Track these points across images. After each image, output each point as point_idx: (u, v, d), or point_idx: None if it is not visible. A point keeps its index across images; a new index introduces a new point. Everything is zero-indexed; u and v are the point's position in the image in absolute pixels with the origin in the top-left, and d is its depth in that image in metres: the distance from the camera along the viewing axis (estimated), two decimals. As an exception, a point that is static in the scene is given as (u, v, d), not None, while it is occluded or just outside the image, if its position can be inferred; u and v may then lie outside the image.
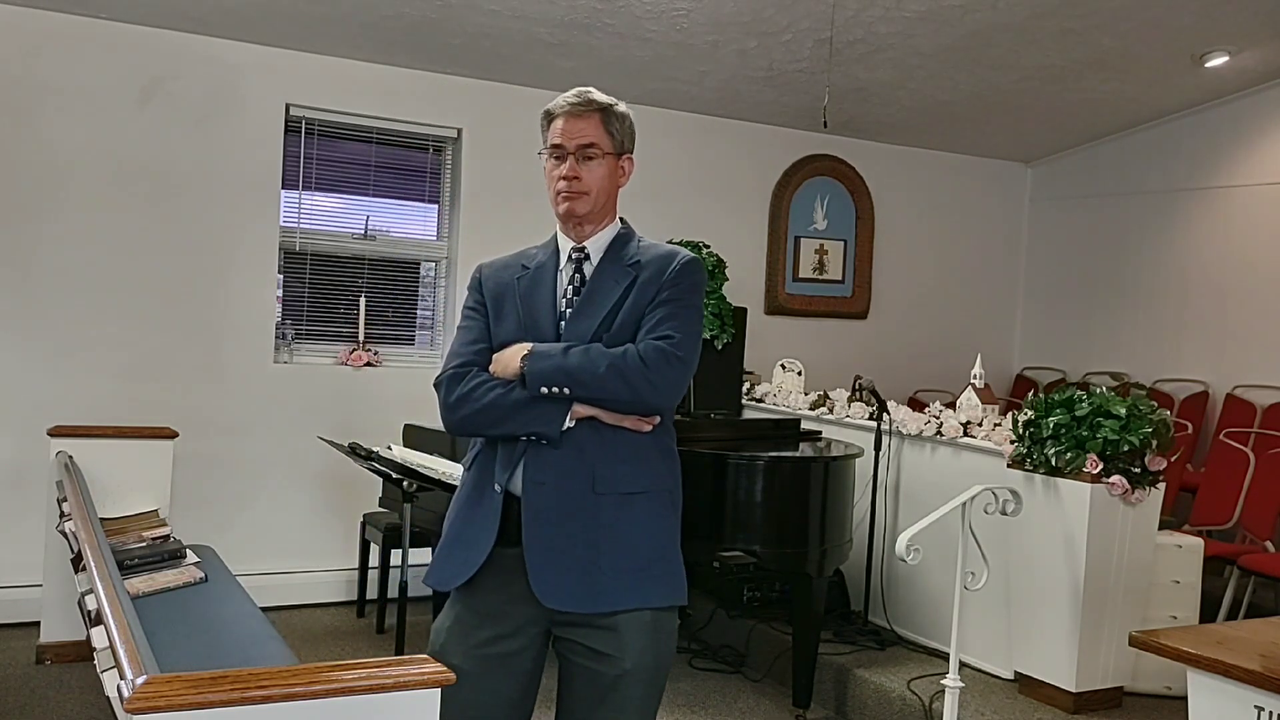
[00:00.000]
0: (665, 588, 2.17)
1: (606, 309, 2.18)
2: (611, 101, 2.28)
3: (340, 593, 5.38)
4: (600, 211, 2.26)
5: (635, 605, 2.13)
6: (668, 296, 2.17)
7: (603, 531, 2.12)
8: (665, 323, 2.15)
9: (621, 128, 2.28)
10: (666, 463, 2.23)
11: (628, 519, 2.14)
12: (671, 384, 2.13)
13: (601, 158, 2.23)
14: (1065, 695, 3.80)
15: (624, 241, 2.29)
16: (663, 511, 2.19)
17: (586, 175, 2.22)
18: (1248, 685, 2.06)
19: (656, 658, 2.17)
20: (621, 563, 2.12)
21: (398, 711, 1.75)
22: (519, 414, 2.13)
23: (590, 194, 2.22)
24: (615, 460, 2.14)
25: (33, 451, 4.50)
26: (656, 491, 2.19)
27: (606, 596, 2.11)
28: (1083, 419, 3.78)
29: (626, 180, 2.32)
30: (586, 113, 2.24)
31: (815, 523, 4.08)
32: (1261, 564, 4.68)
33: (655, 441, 2.20)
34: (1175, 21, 5.42)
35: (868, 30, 5.34)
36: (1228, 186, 6.64)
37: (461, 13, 4.98)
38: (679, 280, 2.19)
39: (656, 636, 2.16)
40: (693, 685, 4.44)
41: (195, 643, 2.98)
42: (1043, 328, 7.62)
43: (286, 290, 5.48)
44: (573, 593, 2.11)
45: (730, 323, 5.78)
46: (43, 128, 4.84)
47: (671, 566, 2.19)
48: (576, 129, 2.23)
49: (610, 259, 2.25)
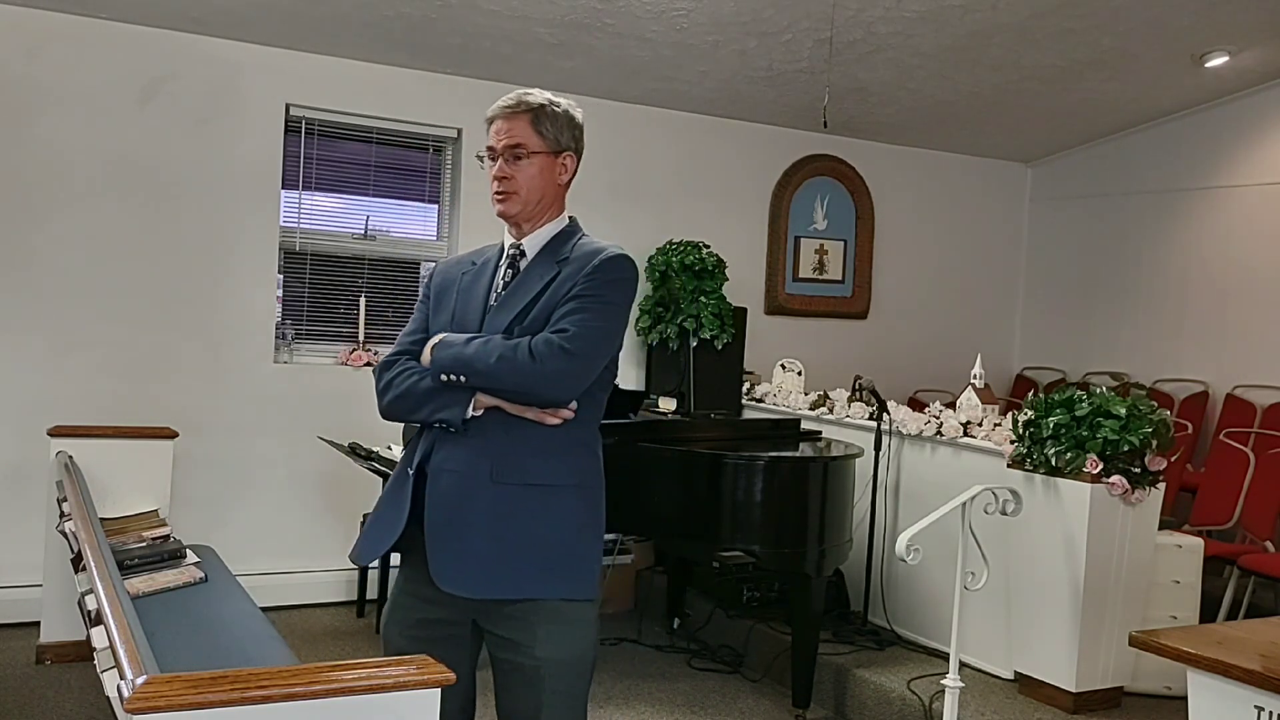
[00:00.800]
0: (566, 581, 2.18)
1: (524, 303, 2.23)
2: (544, 102, 2.28)
3: (340, 593, 5.38)
4: (534, 211, 2.30)
5: (534, 595, 2.16)
6: (579, 291, 2.18)
7: (501, 521, 2.16)
8: (567, 317, 2.16)
9: (555, 126, 2.28)
10: (578, 458, 2.23)
11: (528, 510, 2.16)
12: (560, 377, 2.12)
13: (529, 157, 2.25)
14: (1065, 695, 3.80)
15: (563, 239, 2.31)
16: (567, 506, 2.20)
17: (516, 175, 2.26)
18: (1248, 685, 2.06)
19: (569, 649, 2.18)
20: (520, 553, 2.15)
21: (397, 711, 1.75)
22: (428, 401, 2.19)
23: (519, 194, 2.26)
24: (518, 451, 2.17)
25: (33, 451, 4.50)
26: (562, 486, 2.20)
27: (503, 584, 2.15)
28: (1083, 419, 3.78)
29: (569, 176, 2.32)
30: (515, 114, 2.26)
31: (815, 523, 4.08)
32: (1261, 564, 4.68)
33: (568, 436, 2.20)
34: (1175, 21, 5.42)
35: (868, 30, 5.34)
36: (1228, 186, 6.64)
37: (461, 13, 4.98)
38: (594, 275, 2.20)
39: (567, 628, 2.18)
40: (692, 685, 4.44)
41: (195, 643, 2.98)
42: (1043, 328, 7.62)
43: (286, 290, 5.48)
44: (470, 579, 2.16)
45: (730, 323, 5.79)
46: (43, 128, 4.84)
47: (575, 561, 2.20)
48: (505, 130, 2.27)
49: (544, 256, 2.29)
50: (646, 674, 4.56)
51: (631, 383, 6.02)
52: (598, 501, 2.27)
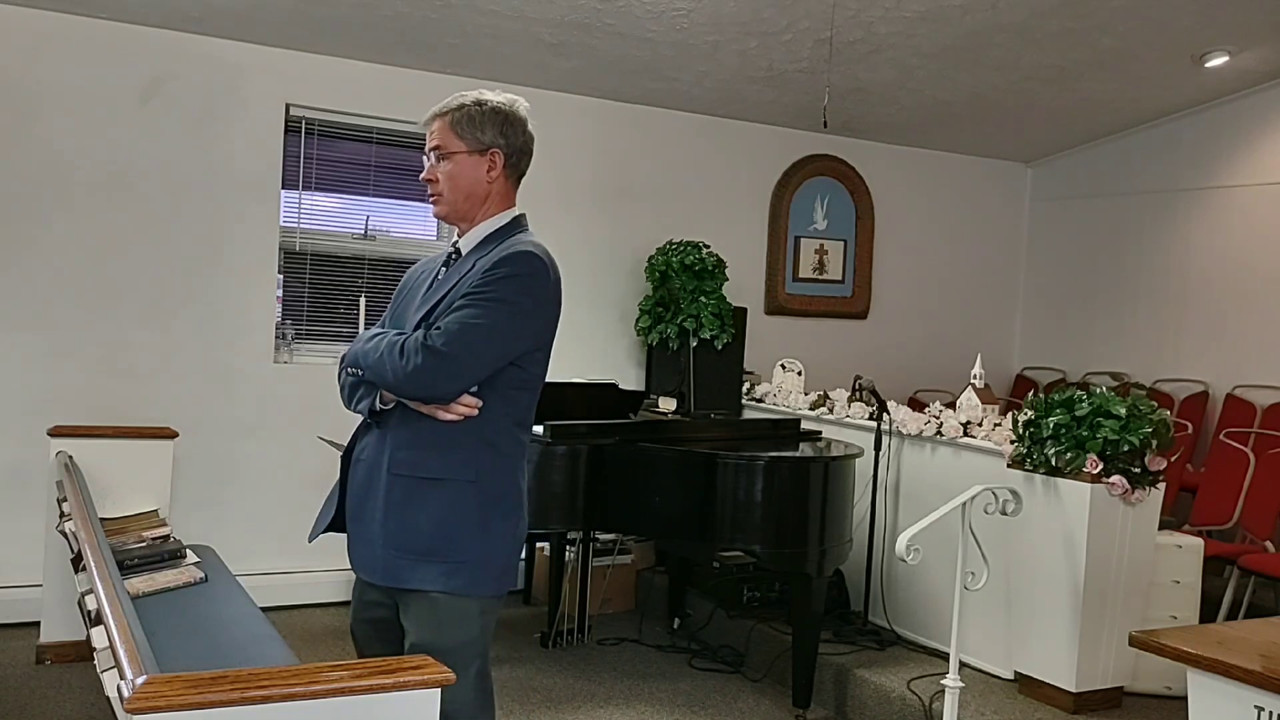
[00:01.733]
0: (447, 575, 2.21)
1: (435, 300, 2.26)
2: (466, 103, 2.33)
3: (340, 593, 5.37)
4: (464, 210, 2.34)
5: (414, 586, 2.22)
6: (471, 289, 2.20)
7: (392, 510, 2.23)
8: (448, 314, 2.19)
9: (474, 125, 2.31)
10: (479, 455, 2.24)
11: (417, 502, 2.22)
12: (423, 374, 2.13)
13: (449, 157, 2.30)
14: (1065, 695, 3.80)
15: (498, 237, 2.32)
16: (460, 501, 2.22)
17: (440, 177, 2.32)
18: (1248, 685, 2.06)
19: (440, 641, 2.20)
20: (405, 543, 2.22)
21: (397, 711, 1.75)
22: (353, 393, 2.32)
23: (443, 194, 2.32)
24: (415, 445, 2.23)
25: (33, 451, 4.50)
26: (456, 481, 2.22)
27: (391, 573, 2.24)
28: (1083, 419, 3.78)
29: (498, 172, 2.33)
30: (437, 118, 2.34)
31: (815, 523, 4.08)
32: (1261, 564, 4.68)
33: (470, 433, 2.22)
34: (1175, 21, 5.41)
35: (868, 30, 5.34)
36: (1228, 186, 6.63)
37: (461, 13, 4.97)
38: (491, 271, 2.21)
39: (442, 620, 2.22)
40: (692, 685, 4.44)
41: (195, 643, 2.98)
42: (1043, 328, 7.62)
43: (286, 290, 5.47)
44: (370, 565, 2.29)
45: (730, 323, 5.78)
46: (43, 128, 4.84)
47: (463, 556, 2.22)
48: (430, 133, 2.35)
49: (472, 254, 2.32)
50: (647, 674, 4.56)
51: (631, 383, 6.02)
52: (497, 498, 2.27)
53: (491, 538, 2.26)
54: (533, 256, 2.23)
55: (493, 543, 2.26)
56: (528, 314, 2.22)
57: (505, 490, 2.28)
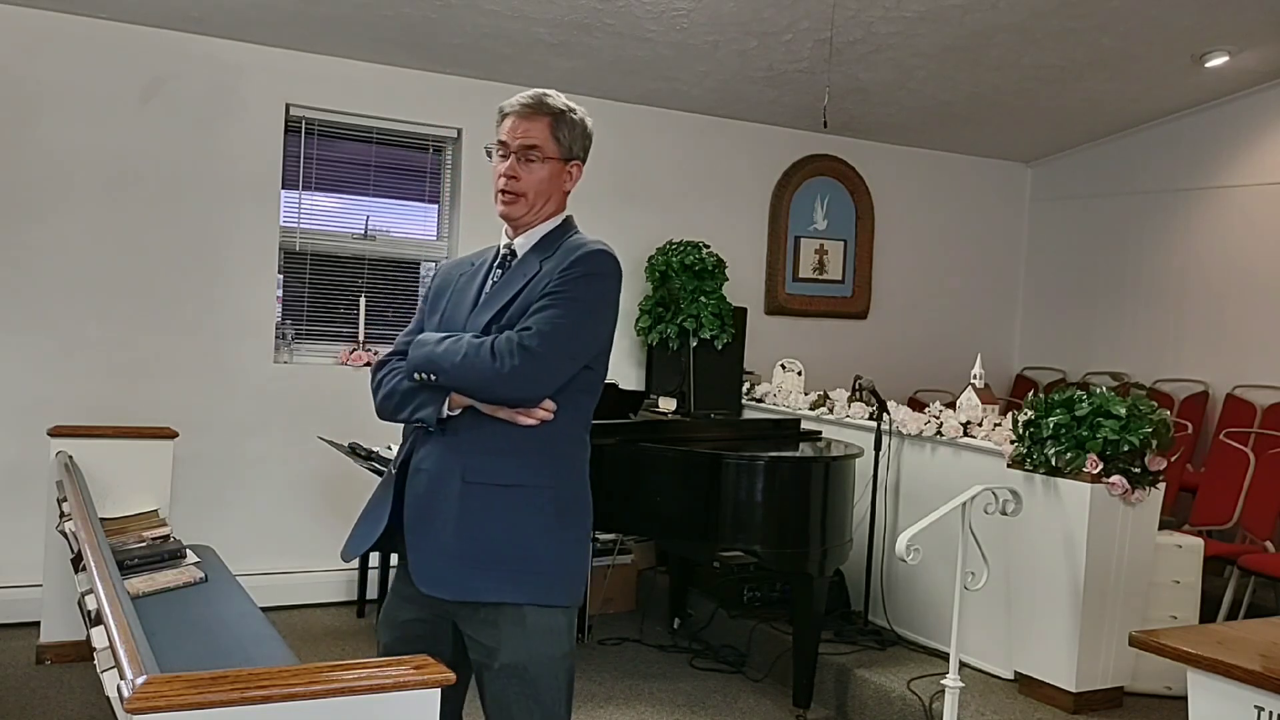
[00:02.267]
0: (532, 586, 2.14)
1: (503, 302, 2.21)
2: (565, 108, 2.27)
3: (340, 593, 5.38)
4: (536, 214, 2.27)
5: (494, 599, 2.13)
6: (552, 288, 2.15)
7: (469, 521, 2.14)
8: (535, 314, 2.13)
9: (572, 134, 2.26)
10: (554, 461, 2.19)
11: (496, 512, 2.14)
12: (518, 376, 2.08)
13: (542, 161, 2.23)
14: (1065, 695, 3.80)
15: (554, 237, 2.28)
16: (537, 509, 2.16)
17: (525, 177, 2.23)
18: (1248, 685, 2.06)
19: (534, 656, 2.14)
20: (485, 554, 2.13)
21: (397, 711, 1.75)
22: (408, 401, 2.20)
23: (526, 196, 2.24)
24: (489, 451, 2.15)
25: (33, 451, 4.50)
26: (532, 488, 2.16)
27: (470, 586, 2.13)
28: (1083, 419, 3.78)
29: (573, 185, 2.31)
30: (535, 115, 2.24)
31: (815, 523, 4.08)
32: (1261, 564, 4.67)
33: (544, 438, 2.16)
34: (1175, 21, 5.41)
35: (868, 30, 5.34)
36: (1228, 186, 6.63)
37: (461, 13, 4.97)
38: (568, 271, 2.16)
39: (531, 634, 2.14)
40: (693, 685, 4.44)
41: (195, 643, 2.98)
42: (1043, 328, 7.62)
43: (286, 290, 5.47)
44: (443, 579, 2.15)
45: (730, 323, 5.78)
46: (43, 128, 4.84)
47: (542, 565, 2.15)
48: (522, 129, 2.24)
49: (532, 254, 2.26)
50: (648, 674, 4.56)
51: (632, 383, 6.02)
52: (573, 505, 2.22)
53: (567, 546, 2.20)
54: (608, 256, 2.22)
55: (568, 550, 2.20)
56: (604, 314, 2.21)
57: (577, 495, 2.24)
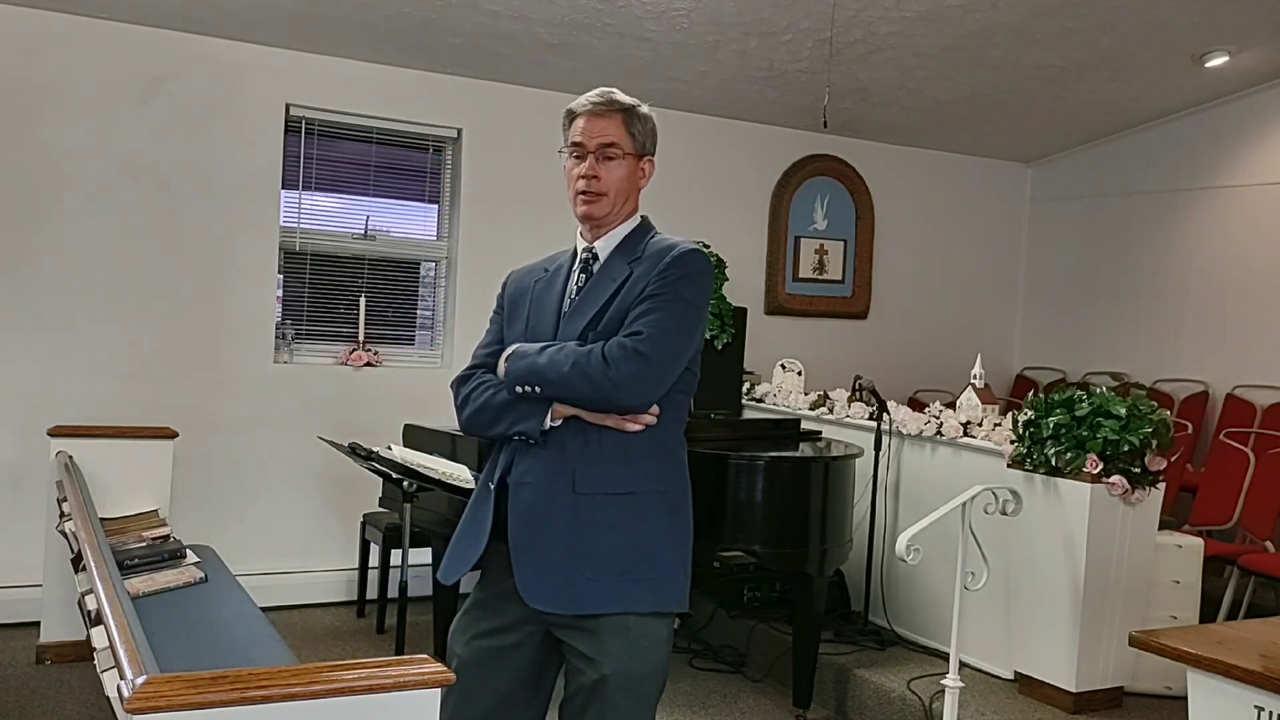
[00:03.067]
0: (649, 593, 2.12)
1: (598, 307, 2.17)
2: (634, 103, 2.27)
3: (340, 593, 5.38)
4: (617, 213, 2.25)
5: (614, 610, 2.10)
6: (651, 290, 2.13)
7: (583, 532, 2.10)
8: (640, 318, 2.11)
9: (644, 129, 2.26)
10: (662, 465, 2.17)
11: (610, 520, 2.11)
12: (635, 381, 2.06)
13: (622, 158, 2.22)
14: (1065, 695, 3.80)
15: (636, 239, 2.26)
16: (652, 514, 2.14)
17: (605, 175, 2.21)
18: (1248, 685, 2.06)
19: (639, 666, 2.11)
20: (602, 565, 2.10)
21: (398, 711, 1.75)
22: (505, 414, 2.15)
23: (608, 195, 2.22)
24: (599, 460, 2.12)
25: (33, 451, 4.50)
26: (646, 494, 2.14)
27: (585, 599, 2.10)
28: (1083, 419, 3.78)
29: (647, 182, 2.30)
30: (609, 112, 2.23)
31: (815, 523, 4.08)
32: (1261, 564, 4.68)
33: (650, 442, 2.15)
34: (1175, 21, 5.42)
35: (868, 30, 5.34)
36: (1228, 186, 6.63)
37: (461, 13, 4.98)
38: (666, 273, 2.14)
39: (638, 643, 2.12)
40: (693, 685, 4.44)
41: (195, 643, 2.98)
42: (1043, 328, 7.62)
43: (286, 290, 5.48)
44: (554, 593, 2.11)
45: (730, 323, 5.77)
46: (43, 128, 4.84)
47: (659, 572, 2.14)
48: (598, 128, 2.22)
49: (616, 257, 2.23)
50: (646, 674, 4.56)
51: (631, 383, 6.01)
52: (683, 509, 2.22)
53: (681, 550, 2.19)
54: (701, 255, 2.20)
55: (679, 555, 2.19)
56: (703, 314, 2.21)
57: (685, 498, 2.23)
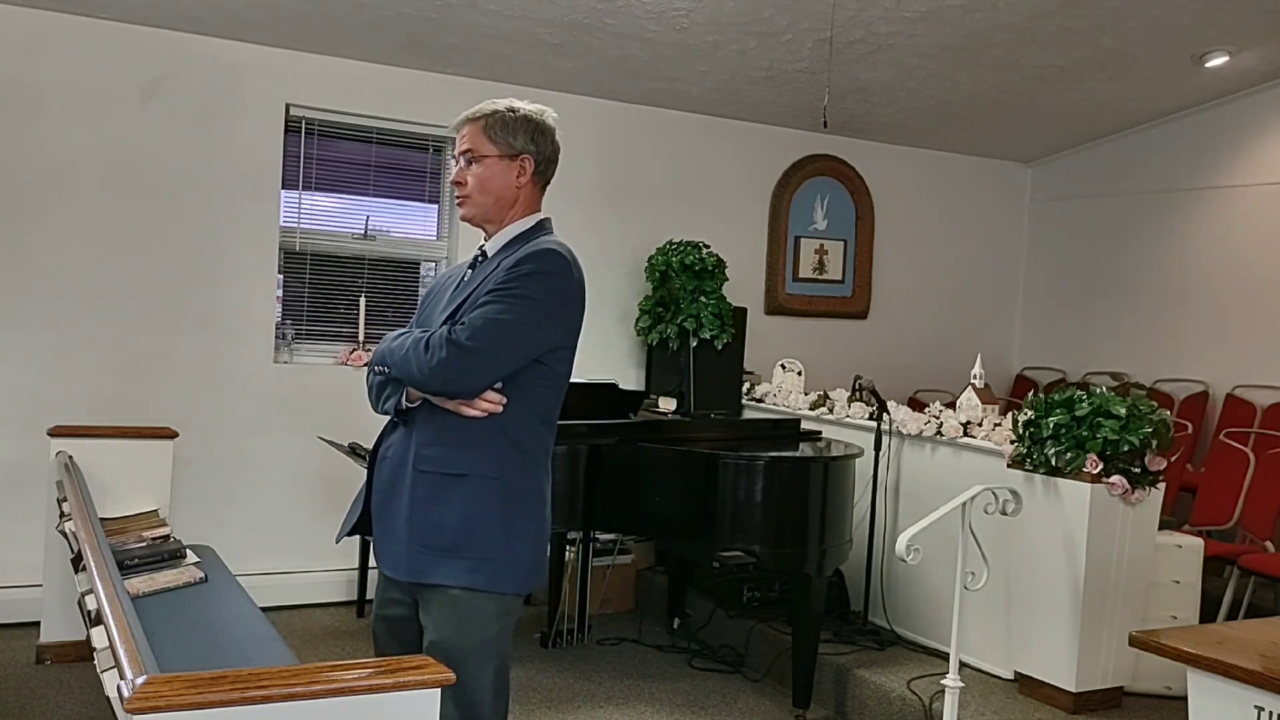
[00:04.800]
0: (469, 571, 2.22)
1: (459, 300, 2.29)
2: (498, 109, 2.35)
3: (340, 593, 5.38)
4: (492, 213, 2.35)
5: (437, 581, 2.23)
6: (495, 285, 2.23)
7: (417, 506, 2.25)
8: (473, 309, 2.21)
9: (508, 130, 2.34)
10: (502, 451, 2.25)
11: (441, 498, 2.24)
12: (447, 369, 2.15)
13: (480, 161, 2.33)
14: (1065, 695, 3.80)
15: (524, 239, 2.35)
16: (483, 498, 2.23)
17: (468, 179, 2.34)
18: (1248, 685, 2.06)
19: (461, 638, 2.22)
20: (428, 539, 2.24)
21: (397, 711, 1.75)
22: (380, 392, 2.36)
23: (472, 197, 2.34)
24: (438, 441, 2.25)
25: (33, 451, 4.50)
26: (478, 477, 2.23)
27: (414, 568, 2.26)
28: (1083, 419, 3.78)
29: (527, 178, 2.36)
30: (470, 121, 2.36)
31: (815, 523, 4.08)
32: (1261, 564, 4.67)
33: (493, 430, 2.23)
34: (1175, 21, 5.41)
35: (868, 30, 5.34)
36: (1228, 186, 6.63)
37: (461, 13, 4.98)
38: (514, 268, 2.23)
39: (460, 615, 2.23)
40: (692, 685, 4.44)
41: (195, 643, 2.98)
42: (1043, 328, 7.62)
43: (286, 290, 5.47)
44: (393, 561, 2.31)
45: (730, 323, 5.78)
46: (43, 128, 4.84)
47: (486, 553, 2.23)
48: (463, 136, 2.36)
49: (498, 256, 2.34)
50: (647, 674, 4.56)
51: (631, 383, 6.02)
52: (524, 497, 2.28)
53: (513, 536, 2.26)
54: (556, 254, 2.26)
55: (515, 541, 2.27)
56: (550, 311, 2.24)
57: (529, 489, 2.30)
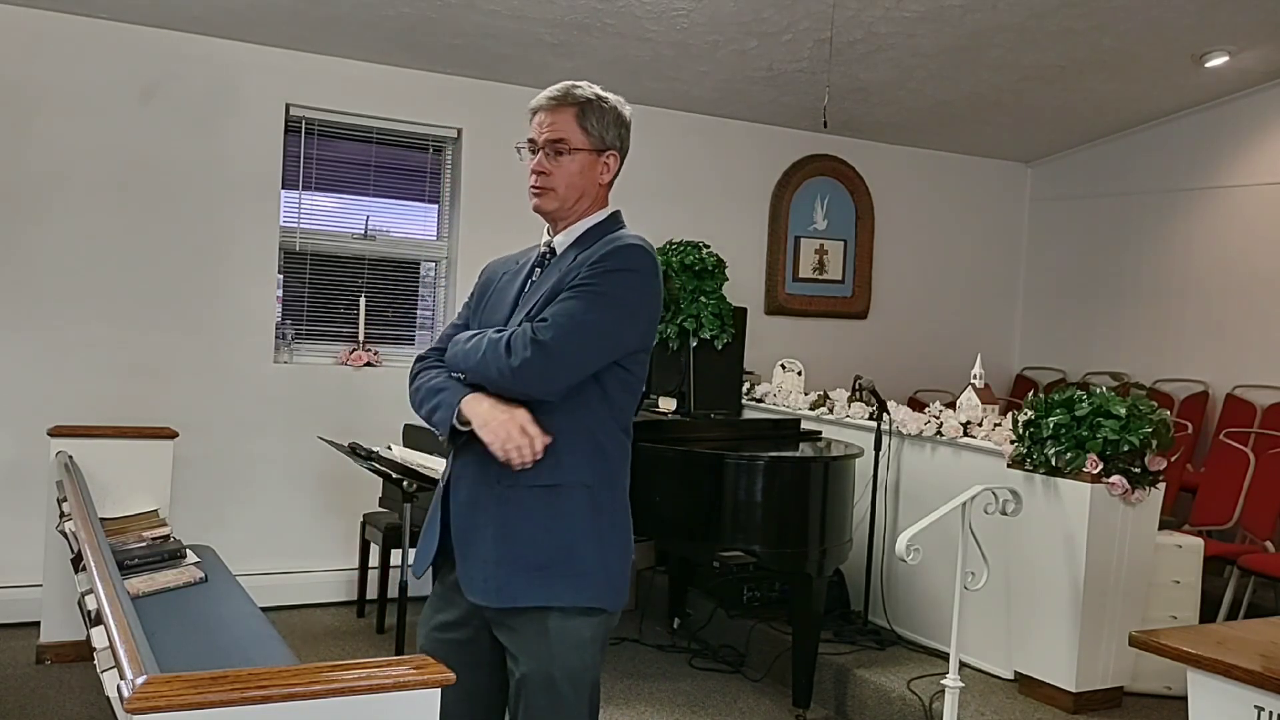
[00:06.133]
0: (567, 588, 2.09)
1: (535, 299, 2.15)
2: (592, 96, 2.19)
3: (340, 593, 5.38)
4: (571, 208, 2.21)
5: (531, 603, 2.08)
6: (576, 281, 2.08)
7: (506, 524, 2.10)
8: (553, 306, 2.07)
9: (602, 123, 2.19)
10: (590, 459, 2.13)
11: (532, 513, 2.09)
12: (529, 368, 2.02)
13: (571, 154, 2.16)
14: (1065, 695, 3.80)
15: (596, 234, 2.20)
16: (573, 509, 2.11)
17: (555, 171, 2.17)
18: (1248, 685, 2.06)
19: (557, 667, 2.08)
20: (522, 558, 2.08)
21: (398, 711, 1.75)
22: (428, 399, 2.17)
23: (557, 190, 2.18)
24: None
25: (33, 451, 4.50)
26: (568, 486, 2.10)
27: (505, 592, 2.09)
28: (1083, 419, 3.78)
29: (610, 176, 2.24)
30: (561, 107, 2.17)
31: (815, 523, 4.08)
32: (1261, 564, 4.67)
33: (578, 435, 2.11)
34: (1175, 21, 5.41)
35: (868, 30, 5.34)
36: (1228, 186, 6.63)
37: (461, 13, 4.97)
38: (597, 264, 2.09)
39: (556, 644, 2.09)
40: (693, 685, 4.44)
41: (195, 643, 2.98)
42: (1043, 328, 7.62)
43: (286, 290, 5.47)
44: (483, 586, 2.11)
45: (730, 323, 5.78)
46: (43, 128, 4.84)
47: (579, 567, 2.10)
48: (548, 123, 2.17)
49: (571, 252, 2.19)
50: (647, 674, 4.56)
51: (631, 383, 6.01)
52: (610, 505, 2.17)
53: (605, 545, 2.15)
54: (642, 251, 2.13)
55: (601, 550, 2.14)
56: (634, 311, 2.12)
57: (616, 497, 2.19)
